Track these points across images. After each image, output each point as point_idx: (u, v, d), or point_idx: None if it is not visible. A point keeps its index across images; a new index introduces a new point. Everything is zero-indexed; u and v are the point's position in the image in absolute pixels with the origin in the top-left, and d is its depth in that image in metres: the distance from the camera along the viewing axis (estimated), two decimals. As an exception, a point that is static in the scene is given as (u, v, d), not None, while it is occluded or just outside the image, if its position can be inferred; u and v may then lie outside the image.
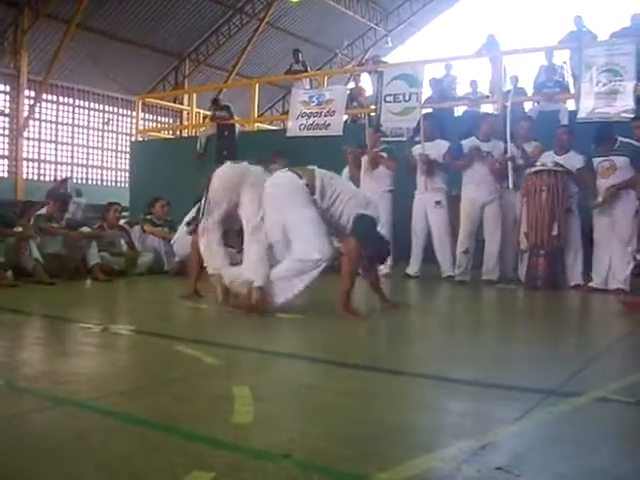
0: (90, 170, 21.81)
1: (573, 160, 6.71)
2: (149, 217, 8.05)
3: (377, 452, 1.79)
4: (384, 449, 1.83)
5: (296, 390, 2.52)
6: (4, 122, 19.05)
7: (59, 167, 20.72)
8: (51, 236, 6.87)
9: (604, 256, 6.38)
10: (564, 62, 10.73)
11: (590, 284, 6.43)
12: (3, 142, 19.10)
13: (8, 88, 18.84)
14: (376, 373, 2.85)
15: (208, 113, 13.97)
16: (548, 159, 6.75)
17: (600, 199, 6.34)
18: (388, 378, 2.79)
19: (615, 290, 6.15)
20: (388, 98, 9.39)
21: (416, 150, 7.59)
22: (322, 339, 3.75)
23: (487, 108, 10.60)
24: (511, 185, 6.89)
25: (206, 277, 5.06)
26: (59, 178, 18.58)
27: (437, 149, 7.45)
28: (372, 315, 4.71)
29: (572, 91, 9.37)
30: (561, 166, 6.60)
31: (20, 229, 6.53)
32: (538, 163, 6.80)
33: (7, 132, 19.12)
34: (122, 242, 7.54)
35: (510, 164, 6.86)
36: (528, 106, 9.88)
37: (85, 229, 7.20)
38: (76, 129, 21.28)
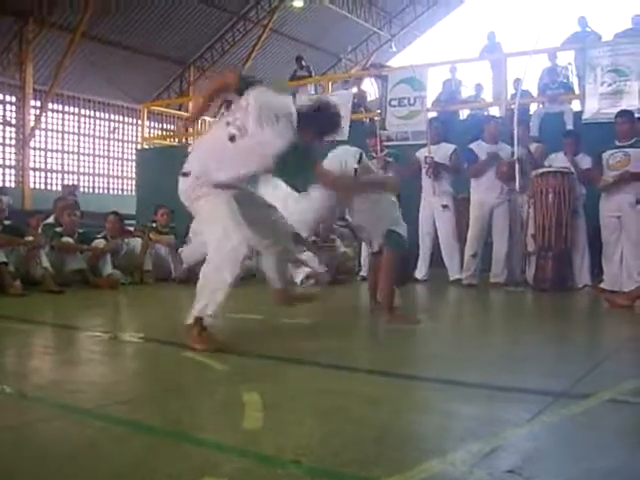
0: (97, 179, 21.88)
1: (582, 162, 6.70)
2: (154, 225, 8.06)
3: (386, 456, 1.79)
4: (393, 453, 1.82)
5: (305, 395, 2.51)
6: (10, 132, 19.11)
7: (66, 176, 20.79)
8: (71, 253, 6.87)
9: (614, 256, 6.33)
10: (569, 63, 10.71)
11: (601, 285, 6.38)
12: (10, 152, 19.16)
13: (14, 99, 18.91)
14: (384, 377, 2.84)
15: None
16: (557, 161, 6.73)
17: (610, 180, 6.23)
18: (397, 382, 2.78)
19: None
20: (393, 102, 9.39)
21: (421, 153, 7.58)
22: (328, 344, 3.74)
23: (493, 111, 10.57)
24: (518, 187, 6.86)
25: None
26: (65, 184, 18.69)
27: (443, 152, 7.44)
28: (378, 319, 4.69)
29: (577, 92, 9.34)
30: (567, 167, 6.59)
31: (31, 239, 6.56)
32: (546, 164, 6.79)
33: (14, 142, 19.18)
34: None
35: (517, 166, 6.84)
36: (533, 108, 9.86)
37: (99, 242, 7.19)
38: (82, 138, 21.34)
